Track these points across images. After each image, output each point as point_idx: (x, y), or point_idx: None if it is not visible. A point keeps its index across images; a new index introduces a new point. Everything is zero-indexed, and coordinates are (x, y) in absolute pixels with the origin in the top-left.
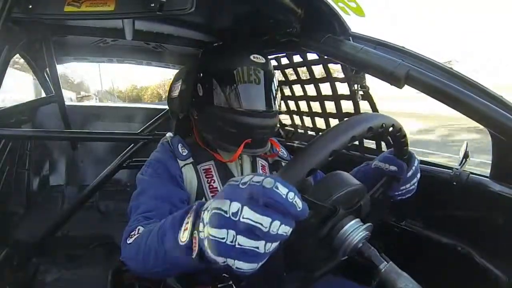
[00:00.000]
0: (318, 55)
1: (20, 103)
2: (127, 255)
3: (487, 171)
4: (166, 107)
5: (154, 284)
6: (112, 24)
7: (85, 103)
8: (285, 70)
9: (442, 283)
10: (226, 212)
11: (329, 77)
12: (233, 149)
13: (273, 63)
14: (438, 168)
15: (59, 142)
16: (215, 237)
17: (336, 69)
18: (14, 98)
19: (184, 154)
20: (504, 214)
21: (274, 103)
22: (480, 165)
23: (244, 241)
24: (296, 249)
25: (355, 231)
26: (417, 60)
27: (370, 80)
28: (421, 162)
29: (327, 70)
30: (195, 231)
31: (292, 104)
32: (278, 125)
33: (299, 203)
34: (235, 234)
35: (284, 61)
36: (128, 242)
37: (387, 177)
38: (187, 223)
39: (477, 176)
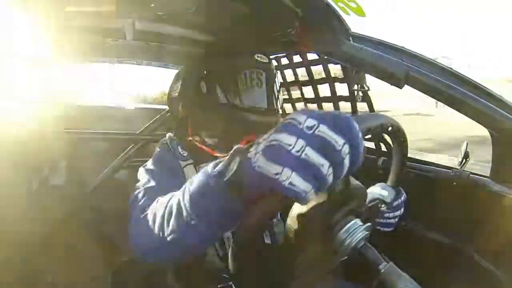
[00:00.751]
0: (318, 55)
1: (20, 103)
2: (138, 231)
3: None
4: (166, 107)
5: (154, 284)
6: (112, 24)
7: (85, 103)
8: (284, 71)
9: (442, 283)
10: (300, 123)
11: (328, 78)
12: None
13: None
14: (438, 168)
15: (59, 142)
16: (281, 141)
17: (337, 68)
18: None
19: (185, 155)
20: (504, 214)
21: (277, 102)
22: None
23: (312, 154)
24: (297, 245)
25: (355, 231)
26: (417, 60)
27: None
28: (421, 162)
29: (326, 70)
30: (236, 157)
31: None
32: None
33: (362, 141)
34: (304, 145)
35: (284, 61)
36: (142, 216)
37: (377, 201)
38: (222, 160)
39: (477, 176)
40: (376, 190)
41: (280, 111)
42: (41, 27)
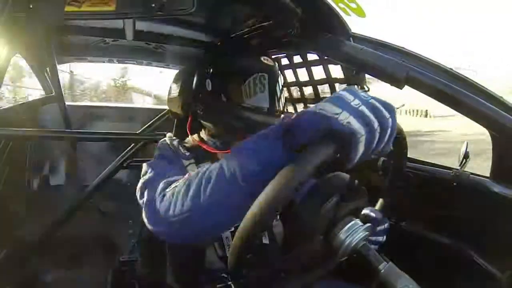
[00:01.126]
0: (318, 55)
1: (20, 103)
2: (162, 207)
3: None
4: (167, 107)
5: (154, 284)
6: (112, 24)
7: (85, 103)
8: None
9: (442, 283)
10: (357, 91)
11: (328, 78)
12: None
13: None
14: (438, 169)
15: (59, 142)
16: (342, 95)
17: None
18: None
19: (187, 154)
20: (504, 214)
21: (279, 103)
22: None
23: (365, 110)
24: (296, 245)
25: (355, 231)
26: (417, 61)
27: None
28: (421, 162)
29: (327, 70)
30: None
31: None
32: None
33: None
34: (360, 104)
35: (284, 61)
36: (168, 190)
37: None
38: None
39: (477, 177)
40: (365, 212)
41: (282, 112)
42: (41, 27)
